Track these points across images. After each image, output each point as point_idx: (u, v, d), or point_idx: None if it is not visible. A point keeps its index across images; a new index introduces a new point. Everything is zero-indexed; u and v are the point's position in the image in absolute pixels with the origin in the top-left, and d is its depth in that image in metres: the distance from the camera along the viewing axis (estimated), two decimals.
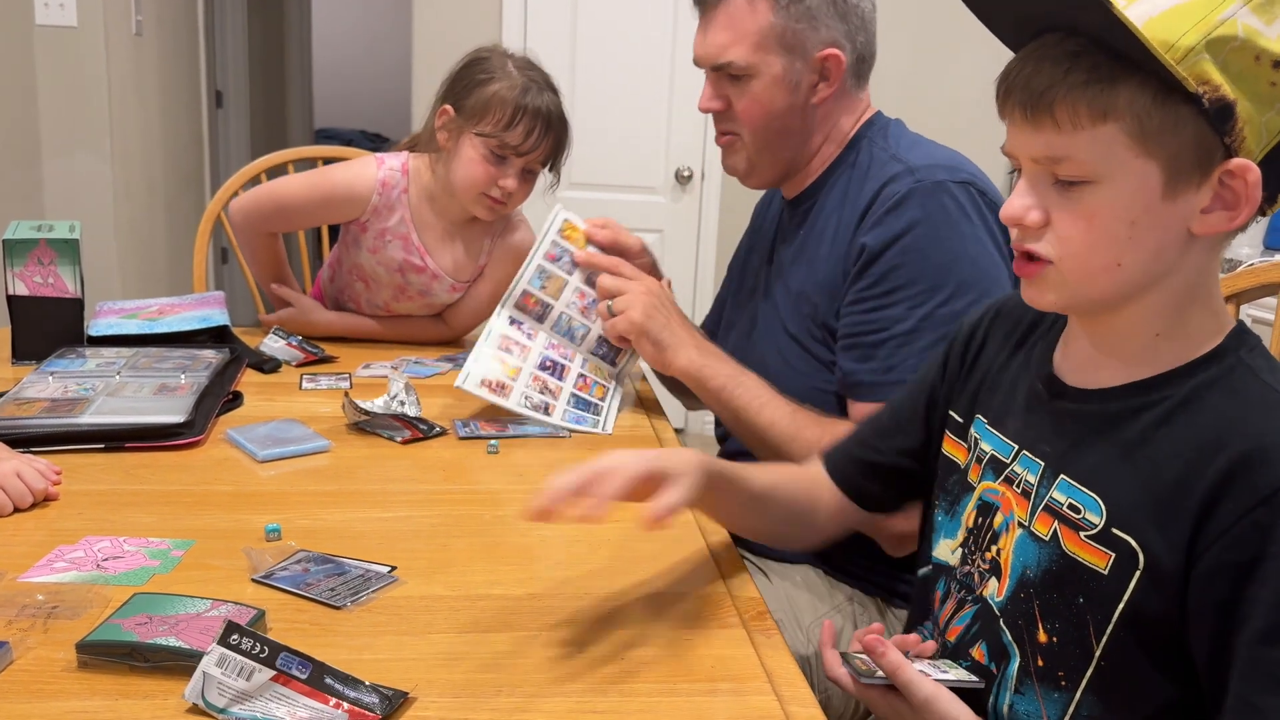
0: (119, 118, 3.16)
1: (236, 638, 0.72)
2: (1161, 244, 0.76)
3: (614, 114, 3.59)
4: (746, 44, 1.30)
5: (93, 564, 0.91)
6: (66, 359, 1.43)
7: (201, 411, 1.26)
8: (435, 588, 0.90)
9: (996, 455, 0.90)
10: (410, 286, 1.72)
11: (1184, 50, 0.70)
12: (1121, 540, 0.77)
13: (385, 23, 7.42)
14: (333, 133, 7.13)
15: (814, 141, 1.37)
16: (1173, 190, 0.74)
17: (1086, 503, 0.80)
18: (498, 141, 1.56)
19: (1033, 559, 0.83)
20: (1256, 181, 0.73)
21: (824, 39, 1.31)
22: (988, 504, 0.90)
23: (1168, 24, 0.71)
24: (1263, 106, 0.72)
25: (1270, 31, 0.72)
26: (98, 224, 3.09)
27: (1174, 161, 0.73)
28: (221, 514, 1.04)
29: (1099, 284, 0.78)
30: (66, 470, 1.10)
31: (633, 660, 0.81)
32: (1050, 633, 0.81)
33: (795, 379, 1.33)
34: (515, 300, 1.43)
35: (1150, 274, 0.77)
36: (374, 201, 1.67)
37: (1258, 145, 0.73)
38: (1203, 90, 0.71)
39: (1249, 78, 0.72)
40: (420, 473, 1.18)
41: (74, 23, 3.02)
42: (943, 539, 0.96)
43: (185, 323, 1.59)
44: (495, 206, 1.61)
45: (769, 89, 1.32)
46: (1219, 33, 0.71)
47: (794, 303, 1.36)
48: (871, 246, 1.23)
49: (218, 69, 4.53)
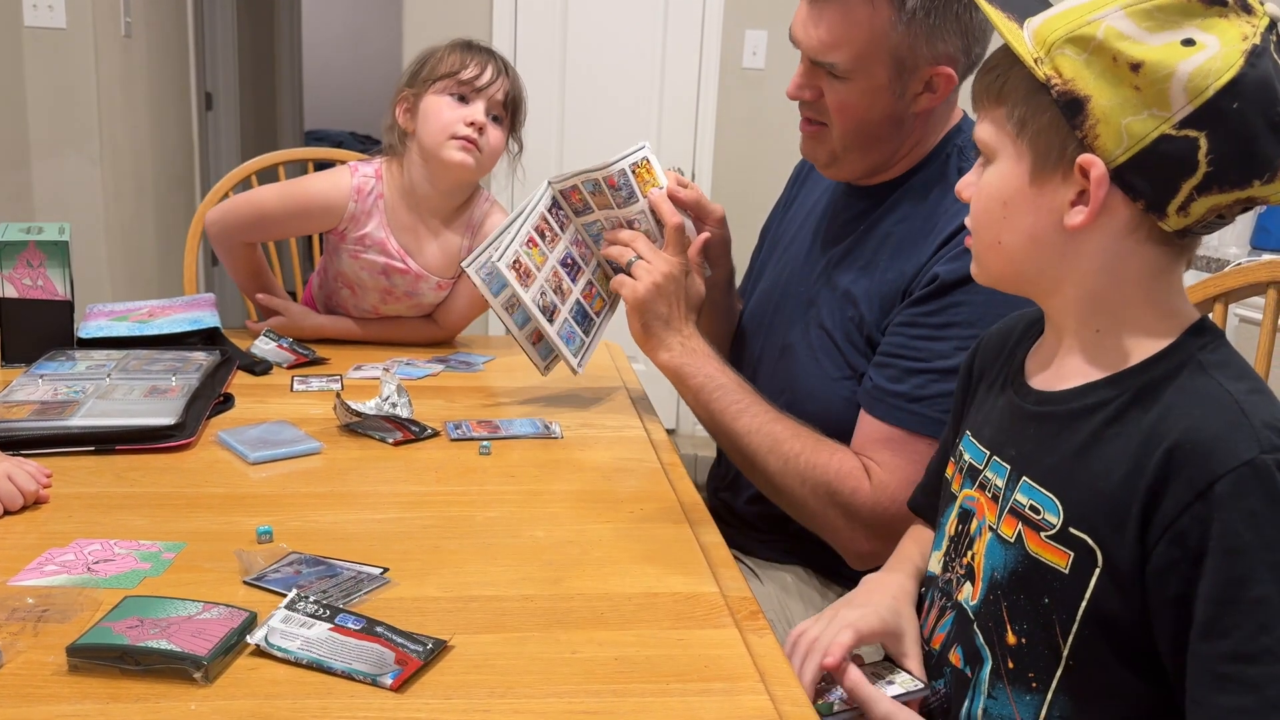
0: (108, 119, 3.16)
1: (301, 603, 0.83)
2: (1035, 230, 0.81)
3: (605, 115, 3.59)
4: (855, 48, 1.19)
5: (83, 567, 0.91)
6: (56, 361, 1.42)
7: (192, 414, 1.26)
8: (428, 589, 0.90)
9: (973, 463, 0.91)
10: (395, 289, 1.72)
11: (1048, 44, 0.77)
12: (1079, 539, 0.78)
13: (375, 25, 7.41)
14: (323, 134, 7.13)
15: (906, 145, 1.28)
16: (1039, 177, 0.80)
17: (1045, 503, 0.81)
18: (454, 81, 1.59)
19: (1000, 561, 0.84)
20: (1102, 179, 0.76)
21: (939, 54, 1.20)
22: (966, 511, 0.91)
23: (1052, 22, 0.78)
24: (1123, 109, 0.74)
25: (1141, 36, 0.73)
26: (87, 226, 3.08)
27: (1037, 148, 0.79)
28: (213, 516, 1.04)
29: (992, 260, 0.86)
30: (57, 473, 1.09)
31: (625, 661, 0.81)
32: (1019, 634, 0.82)
33: (823, 382, 1.29)
34: (564, 187, 1.40)
35: (1037, 260, 0.82)
36: (350, 209, 1.66)
37: (1117, 146, 0.75)
38: (1053, 81, 0.76)
39: (1110, 78, 0.74)
40: (412, 474, 1.18)
41: (63, 24, 3.02)
42: (934, 552, 0.97)
43: (176, 325, 1.59)
44: (468, 147, 1.59)
45: (867, 96, 1.22)
46: (1081, 31, 0.76)
47: (838, 300, 1.30)
48: (944, 279, 1.18)
49: (207, 71, 4.52)
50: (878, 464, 1.20)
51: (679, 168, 1.45)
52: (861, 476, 1.20)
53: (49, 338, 1.50)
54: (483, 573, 0.94)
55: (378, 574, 0.92)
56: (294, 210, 1.69)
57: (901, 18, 1.17)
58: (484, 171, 1.65)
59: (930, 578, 0.96)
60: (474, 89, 1.59)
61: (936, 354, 1.18)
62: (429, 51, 1.65)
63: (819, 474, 1.20)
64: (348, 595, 0.87)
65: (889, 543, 1.11)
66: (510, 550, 1.00)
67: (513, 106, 1.64)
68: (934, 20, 1.17)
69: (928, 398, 1.18)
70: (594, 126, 3.57)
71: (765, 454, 1.23)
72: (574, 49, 3.56)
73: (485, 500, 1.12)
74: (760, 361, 1.42)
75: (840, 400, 1.27)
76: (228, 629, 0.78)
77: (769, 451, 1.23)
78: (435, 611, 0.86)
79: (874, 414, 1.22)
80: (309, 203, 1.68)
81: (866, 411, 1.23)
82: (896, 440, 1.19)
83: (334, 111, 7.60)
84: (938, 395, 1.17)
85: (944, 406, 1.13)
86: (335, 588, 0.88)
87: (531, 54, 3.48)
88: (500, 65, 1.62)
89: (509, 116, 1.64)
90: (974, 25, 1.20)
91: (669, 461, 1.25)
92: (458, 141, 1.58)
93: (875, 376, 1.23)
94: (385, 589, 0.89)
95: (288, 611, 0.82)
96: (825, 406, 1.28)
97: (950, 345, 1.17)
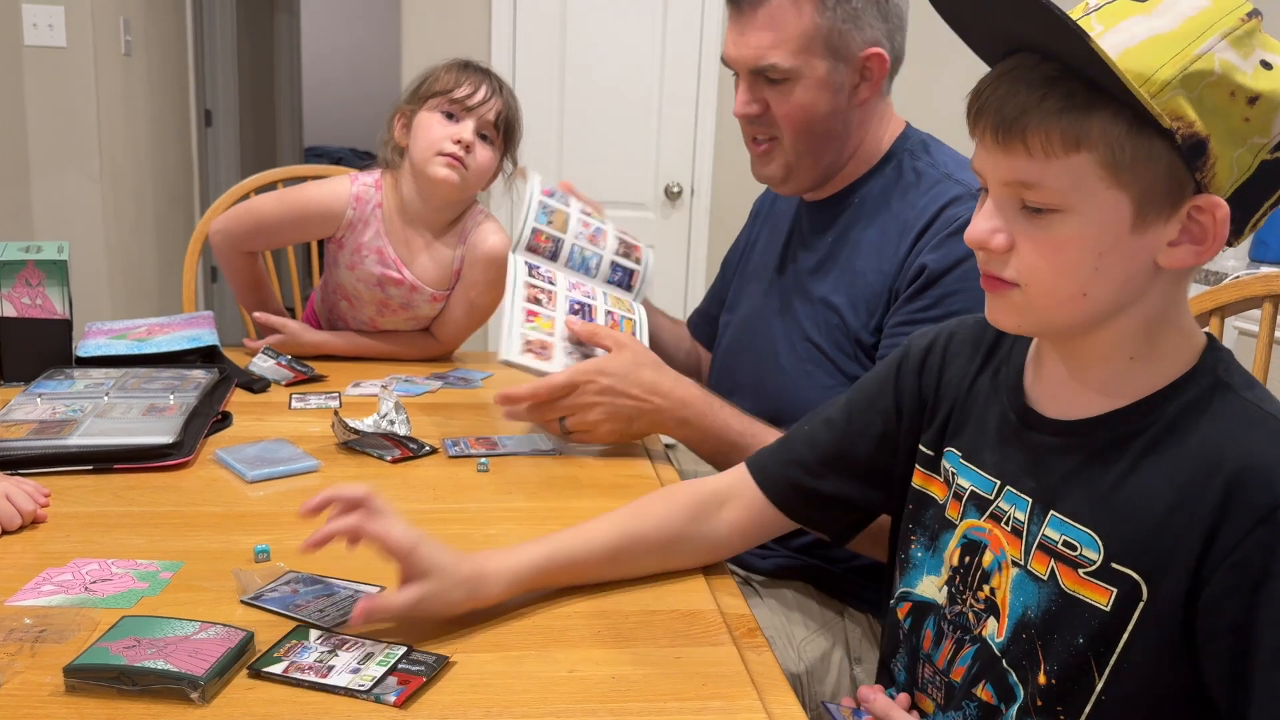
0: (108, 137, 3.17)
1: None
2: (1128, 275, 0.75)
3: (603, 130, 3.60)
4: (790, 46, 1.25)
5: (81, 587, 0.91)
6: (55, 380, 1.43)
7: (190, 432, 1.26)
8: None
9: (977, 491, 0.88)
10: (391, 300, 1.72)
11: (1160, 84, 0.70)
12: (1123, 574, 0.76)
13: (374, 41, 7.44)
14: (322, 151, 7.14)
15: (851, 144, 1.33)
16: (1142, 223, 0.73)
17: (1083, 539, 0.78)
18: (446, 99, 1.61)
19: (1033, 599, 0.81)
20: (1225, 218, 0.73)
21: (867, 38, 1.27)
22: (974, 542, 0.87)
23: (1145, 55, 0.70)
24: (1235, 142, 0.71)
25: (1246, 66, 0.71)
26: (87, 244, 3.09)
27: (1145, 194, 0.72)
28: (210, 535, 1.04)
29: (1064, 312, 0.78)
30: (55, 492, 1.09)
31: (622, 679, 0.81)
32: (1050, 674, 0.80)
33: (815, 391, 1.30)
34: (527, 242, 1.42)
35: (1116, 304, 0.77)
36: (348, 216, 1.68)
37: (1228, 181, 0.72)
38: (1176, 126, 0.70)
39: (1222, 113, 0.71)
40: (410, 492, 1.18)
41: (63, 43, 3.03)
42: (925, 576, 0.93)
43: (174, 343, 1.59)
44: (453, 164, 1.61)
45: (812, 92, 1.27)
46: (1196, 67, 0.70)
47: (819, 311, 1.32)
48: (933, 269, 1.21)
49: (207, 88, 4.54)
50: None
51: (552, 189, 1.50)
52: None
53: (47, 356, 1.50)
54: None
55: (375, 593, 0.91)
56: (292, 216, 1.72)
57: (825, 6, 1.24)
58: (471, 189, 1.67)
59: (933, 605, 0.91)
60: (465, 108, 1.61)
61: None
62: (429, 70, 1.67)
63: None
64: (345, 614, 0.87)
65: None
66: None
67: (505, 127, 1.65)
68: (855, 4, 1.24)
69: None
70: (593, 142, 3.58)
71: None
72: (572, 58, 3.57)
73: (483, 517, 1.12)
74: (746, 388, 1.42)
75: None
76: (225, 649, 0.78)
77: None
78: (432, 630, 0.86)
79: None
80: (307, 209, 1.70)
81: None
82: None
83: (333, 128, 7.62)
84: None
85: None
86: (332, 606, 0.88)
87: (530, 69, 3.50)
88: (494, 86, 1.64)
89: (501, 136, 1.65)
90: (890, 8, 1.27)
91: (667, 478, 1.25)
92: (443, 158, 1.60)
93: None
94: None
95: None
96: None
97: None
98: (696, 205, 3.68)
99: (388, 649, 0.81)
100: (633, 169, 3.64)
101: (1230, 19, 0.71)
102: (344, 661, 0.80)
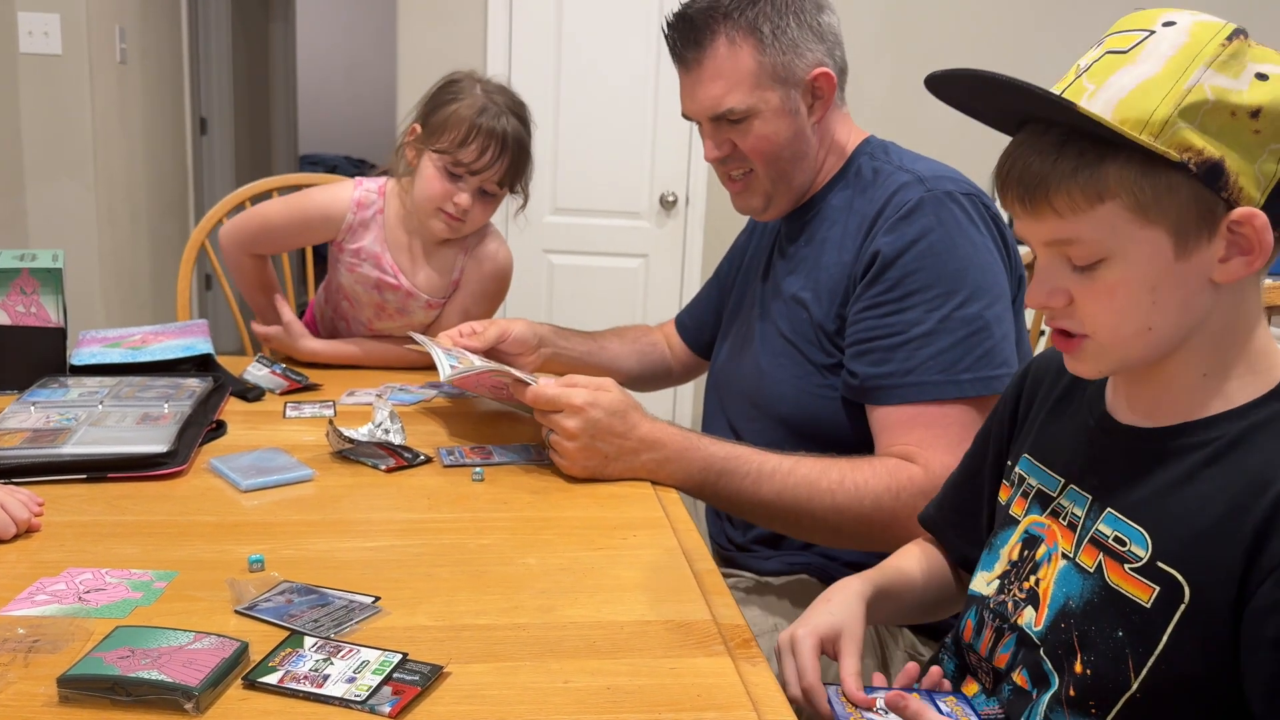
0: (103, 145, 3.17)
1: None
2: (1186, 300, 0.78)
3: (598, 139, 3.61)
4: (741, 88, 1.31)
5: (74, 596, 0.91)
6: (49, 389, 1.42)
7: (184, 441, 1.26)
8: (419, 618, 0.90)
9: (1044, 489, 0.91)
10: (388, 305, 1.75)
11: (1159, 124, 0.73)
12: (1167, 574, 0.77)
13: (370, 49, 7.45)
14: (317, 159, 7.16)
15: (818, 159, 1.39)
16: (1184, 250, 0.76)
17: (1133, 536, 0.81)
18: (451, 159, 1.60)
19: (1075, 590, 0.84)
20: (1265, 225, 0.75)
21: (810, 62, 1.33)
22: (1033, 537, 0.91)
23: (1137, 103, 0.74)
24: (1252, 155, 0.74)
25: (1239, 84, 0.74)
26: (81, 252, 3.09)
27: (1178, 225, 0.76)
28: (204, 545, 1.04)
29: (1135, 348, 0.81)
30: (49, 501, 1.09)
31: (617, 690, 0.81)
32: (1086, 664, 0.82)
33: (789, 382, 1.34)
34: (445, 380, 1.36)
35: (1183, 328, 0.80)
36: (349, 220, 1.71)
37: (1258, 191, 0.75)
38: (1186, 157, 0.74)
39: (1230, 134, 0.74)
40: (405, 501, 1.18)
41: (58, 51, 3.03)
42: (980, 573, 0.97)
43: (169, 351, 1.59)
44: (451, 222, 1.64)
45: (772, 122, 1.33)
46: (1190, 100, 0.74)
47: (790, 308, 1.37)
48: (885, 253, 1.25)
49: (202, 96, 4.54)
50: (913, 445, 1.22)
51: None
52: (907, 464, 1.22)
53: (41, 365, 1.50)
54: (475, 601, 0.94)
55: (369, 603, 0.91)
56: (296, 220, 1.74)
57: (763, 44, 1.30)
58: (468, 233, 1.69)
59: (978, 598, 0.95)
60: (469, 171, 1.60)
61: (910, 323, 1.23)
62: (451, 93, 1.63)
63: (874, 484, 1.21)
64: (339, 625, 0.87)
65: None
66: (503, 578, 0.99)
67: (511, 179, 1.65)
68: (790, 35, 1.31)
69: (919, 365, 1.22)
70: (588, 152, 3.59)
71: (808, 502, 1.22)
72: (567, 68, 3.57)
73: (478, 527, 1.12)
74: (738, 393, 1.46)
75: (808, 395, 1.33)
76: (219, 659, 0.78)
77: (809, 499, 1.22)
78: (427, 641, 0.86)
79: (881, 403, 1.25)
80: (310, 213, 1.73)
81: (872, 405, 1.26)
82: (915, 417, 1.22)
83: (329, 136, 7.63)
84: (928, 360, 1.21)
85: (938, 367, 1.20)
86: (327, 617, 0.88)
87: (525, 77, 3.50)
88: (501, 144, 1.59)
89: (505, 188, 1.66)
90: (823, 28, 1.34)
91: (662, 488, 1.25)
92: (442, 214, 1.63)
93: (860, 367, 1.26)
94: (377, 618, 0.89)
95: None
96: (796, 404, 1.33)
97: (920, 311, 1.22)
98: (691, 214, 3.68)
99: (383, 657, 0.81)
100: (628, 178, 3.65)
101: (1210, 47, 0.75)
102: (339, 670, 0.79)
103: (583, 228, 3.64)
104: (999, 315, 1.24)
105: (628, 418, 1.23)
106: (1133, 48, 0.77)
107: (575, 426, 1.21)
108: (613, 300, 3.67)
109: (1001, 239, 1.29)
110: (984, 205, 1.28)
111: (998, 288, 1.25)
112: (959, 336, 1.21)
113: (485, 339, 1.49)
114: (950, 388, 1.21)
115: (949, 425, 1.20)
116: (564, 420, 1.22)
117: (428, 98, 1.67)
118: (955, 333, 1.21)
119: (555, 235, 3.60)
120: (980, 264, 1.24)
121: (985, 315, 1.22)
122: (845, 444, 1.27)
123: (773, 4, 1.31)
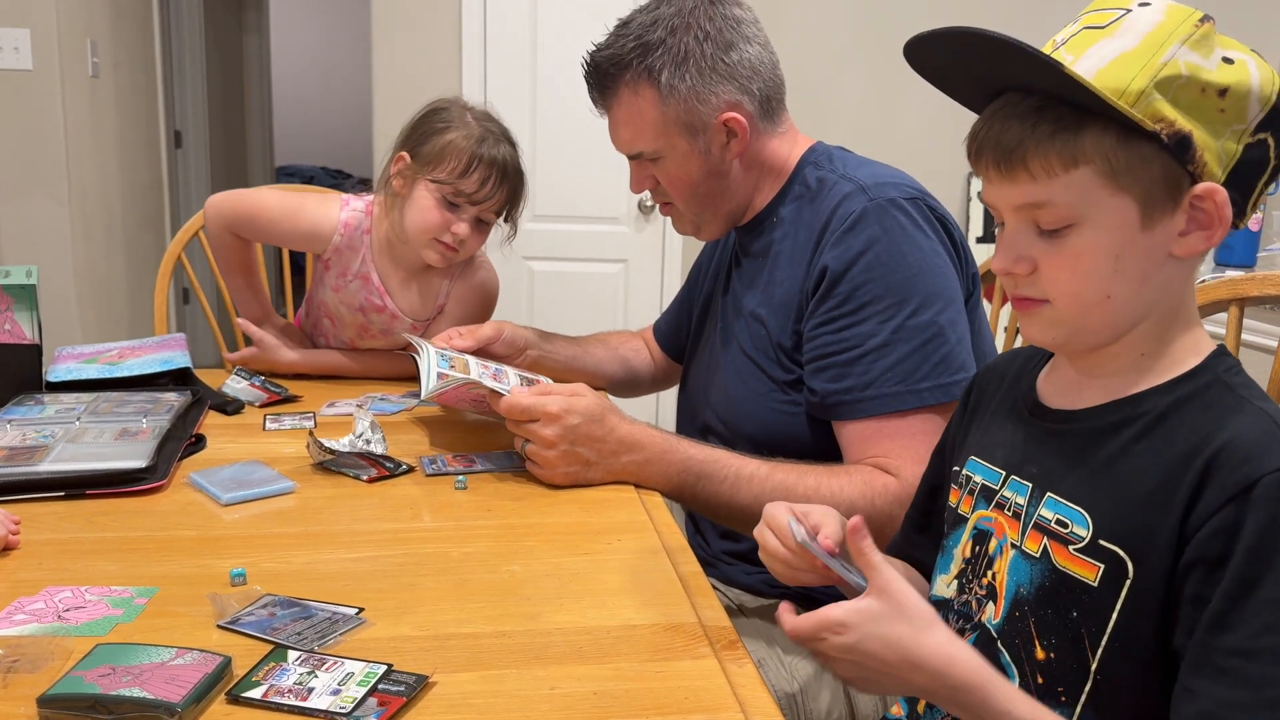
0: (76, 160, 3.14)
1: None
2: (1146, 271, 0.81)
3: (575, 145, 3.60)
4: (647, 134, 1.34)
5: (54, 615, 0.90)
6: (25, 406, 1.41)
7: (163, 456, 1.25)
8: (403, 628, 0.90)
9: (986, 484, 0.93)
10: (372, 325, 1.73)
11: (1136, 94, 0.76)
12: (1109, 551, 0.79)
13: (344, 58, 7.43)
14: (294, 170, 7.12)
15: (748, 185, 1.39)
16: (1150, 220, 0.79)
17: (1073, 517, 0.82)
18: (452, 189, 1.58)
19: (1025, 577, 0.85)
20: (1224, 201, 0.78)
21: (717, 105, 1.31)
22: (983, 532, 0.92)
23: (1117, 72, 0.77)
24: (1216, 132, 0.78)
25: (1209, 64, 0.78)
26: (56, 267, 3.06)
27: (1146, 194, 0.78)
28: (185, 560, 1.03)
29: (1093, 317, 0.82)
30: (26, 519, 1.08)
31: (604, 695, 0.81)
32: (1047, 649, 0.83)
33: (753, 400, 1.34)
34: (434, 390, 1.33)
35: (1141, 301, 0.81)
36: (336, 241, 1.69)
37: (1220, 167, 0.78)
38: (1159, 127, 0.77)
39: (1199, 109, 0.77)
40: (387, 511, 1.18)
41: (29, 66, 3.01)
42: (938, 577, 0.98)
43: (146, 366, 1.58)
44: (447, 253, 1.62)
45: (682, 164, 1.35)
46: (1165, 73, 0.77)
47: (750, 325, 1.37)
48: (834, 268, 1.25)
49: (176, 109, 4.52)
50: (884, 455, 1.22)
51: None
52: (880, 472, 1.22)
53: (17, 382, 1.48)
54: (459, 610, 0.94)
55: (353, 614, 0.91)
56: (285, 222, 1.72)
57: (664, 94, 1.31)
58: (461, 260, 1.69)
59: (942, 602, 0.95)
60: (469, 200, 1.59)
61: (864, 336, 1.22)
62: (442, 121, 1.60)
63: (849, 490, 1.20)
64: (323, 637, 0.86)
65: None
66: (487, 586, 0.99)
67: (509, 208, 1.64)
68: (691, 82, 1.30)
69: (877, 378, 1.21)
70: (565, 158, 3.58)
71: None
72: (543, 75, 3.56)
73: (461, 536, 1.11)
74: (708, 405, 1.45)
75: (771, 412, 1.32)
76: (202, 674, 0.77)
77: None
78: (412, 651, 0.86)
79: (845, 418, 1.25)
80: (299, 223, 1.71)
81: (837, 421, 1.26)
82: (879, 429, 1.22)
83: (305, 146, 7.60)
84: (885, 371, 1.21)
85: (896, 378, 1.20)
86: (310, 629, 0.87)
87: (501, 83, 3.50)
88: (502, 173, 1.60)
89: (500, 217, 1.65)
90: (734, 66, 1.31)
91: (645, 491, 1.25)
92: (438, 244, 1.61)
93: (819, 384, 1.26)
94: (361, 629, 0.89)
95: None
96: (762, 423, 1.33)
97: (873, 324, 1.22)
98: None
99: (368, 669, 0.81)
100: (606, 182, 3.64)
101: (1185, 27, 0.78)
102: (324, 683, 0.79)
103: (561, 234, 3.64)
104: (952, 319, 1.23)
105: (605, 421, 1.23)
106: (1110, 23, 0.80)
107: (553, 434, 1.21)
108: (593, 306, 3.66)
109: (950, 239, 1.28)
110: (929, 208, 1.27)
111: (949, 291, 1.24)
112: (914, 345, 1.21)
113: (479, 337, 1.49)
114: (910, 397, 1.21)
115: (914, 435, 1.20)
116: (541, 429, 1.22)
117: (413, 126, 1.64)
118: (910, 342, 1.21)
119: (534, 242, 3.59)
120: (930, 269, 1.23)
121: (939, 320, 1.22)
122: (814, 459, 1.26)
123: (671, 53, 1.29)
